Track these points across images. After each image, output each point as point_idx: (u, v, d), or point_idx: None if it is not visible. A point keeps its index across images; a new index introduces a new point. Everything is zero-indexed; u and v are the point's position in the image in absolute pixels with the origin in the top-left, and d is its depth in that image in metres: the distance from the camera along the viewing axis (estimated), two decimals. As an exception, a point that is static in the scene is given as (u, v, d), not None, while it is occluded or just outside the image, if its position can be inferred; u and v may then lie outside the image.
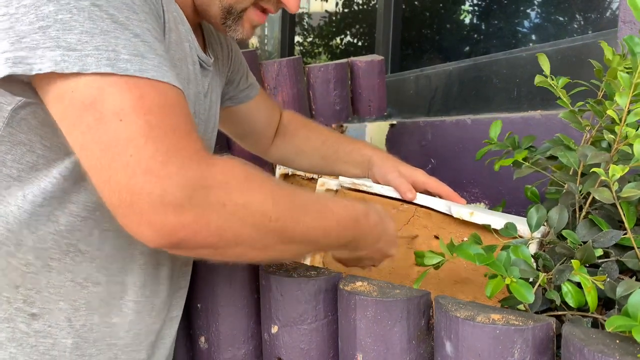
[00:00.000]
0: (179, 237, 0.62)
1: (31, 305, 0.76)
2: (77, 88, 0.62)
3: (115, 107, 0.61)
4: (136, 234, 0.63)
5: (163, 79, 0.65)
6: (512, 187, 1.48)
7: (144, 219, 0.61)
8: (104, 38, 0.62)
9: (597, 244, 0.81)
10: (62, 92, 0.62)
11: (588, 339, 0.62)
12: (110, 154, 0.61)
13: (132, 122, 0.61)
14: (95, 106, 0.61)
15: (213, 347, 0.98)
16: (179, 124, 0.64)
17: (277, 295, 0.87)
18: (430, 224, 1.07)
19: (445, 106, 2.19)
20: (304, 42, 5.10)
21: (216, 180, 0.64)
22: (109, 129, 0.61)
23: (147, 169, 0.60)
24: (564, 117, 0.96)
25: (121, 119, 0.61)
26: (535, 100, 1.69)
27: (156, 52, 0.66)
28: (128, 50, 0.63)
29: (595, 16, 1.90)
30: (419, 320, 0.77)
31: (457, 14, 2.81)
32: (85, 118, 0.61)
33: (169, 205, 0.61)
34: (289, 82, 1.87)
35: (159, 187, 0.60)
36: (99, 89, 0.61)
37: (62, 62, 0.61)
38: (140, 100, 0.62)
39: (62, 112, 0.64)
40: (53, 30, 0.61)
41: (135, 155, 0.60)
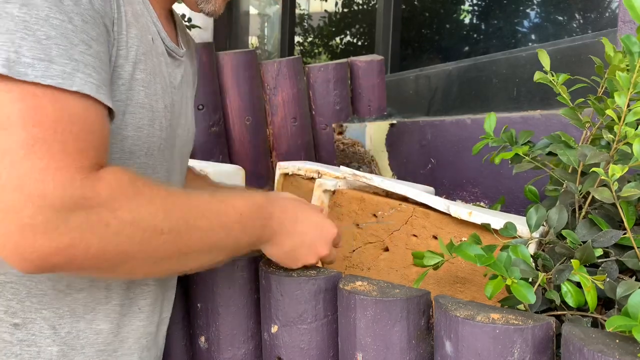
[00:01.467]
0: (52, 262, 0.58)
1: (13, 316, 0.73)
2: None
3: (1, 115, 0.57)
4: (4, 256, 0.57)
5: (71, 87, 0.60)
6: (511, 186, 1.48)
7: (10, 242, 0.56)
8: (8, 37, 0.57)
9: (596, 243, 0.81)
10: None
11: (588, 339, 0.62)
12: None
13: (15, 133, 0.56)
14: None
15: (213, 346, 0.98)
16: (69, 140, 0.59)
17: (277, 295, 0.87)
18: (429, 224, 1.07)
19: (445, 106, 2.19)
20: (303, 42, 5.10)
21: (100, 198, 0.59)
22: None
23: (19, 186, 0.55)
24: (564, 114, 0.96)
25: (5, 128, 0.56)
26: (534, 99, 1.69)
27: (72, 57, 0.61)
28: (33, 54, 0.58)
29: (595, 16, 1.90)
30: (418, 319, 0.77)
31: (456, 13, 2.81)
32: None
33: (39, 228, 0.55)
34: (288, 82, 1.87)
35: (29, 208, 0.55)
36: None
37: None
38: (32, 111, 0.57)
39: None
40: None
41: (9, 169, 0.56)
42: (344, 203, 1.21)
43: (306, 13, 5.19)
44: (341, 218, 1.21)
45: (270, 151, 1.91)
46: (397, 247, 1.11)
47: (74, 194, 0.58)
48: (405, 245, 1.10)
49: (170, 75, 0.87)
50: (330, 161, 1.91)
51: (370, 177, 1.16)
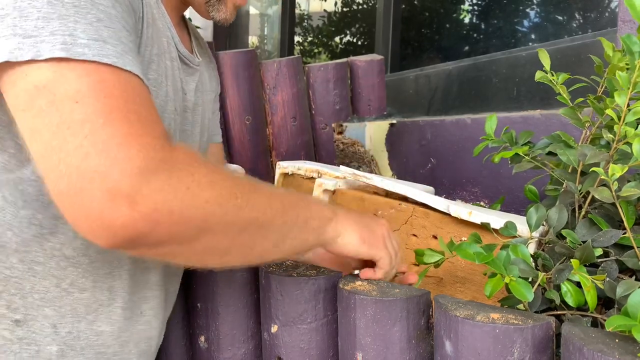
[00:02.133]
0: (137, 230, 0.56)
1: (15, 312, 0.73)
2: (30, 72, 0.59)
3: (70, 90, 0.58)
4: (85, 229, 0.57)
5: (125, 66, 0.62)
6: (511, 186, 1.48)
7: (95, 209, 0.55)
8: (61, 22, 0.60)
9: (596, 243, 0.81)
10: (15, 78, 0.59)
11: (587, 338, 0.62)
12: (62, 136, 0.56)
13: (89, 104, 0.57)
14: (49, 88, 0.58)
15: (213, 346, 0.98)
16: (140, 111, 0.61)
17: (277, 295, 0.87)
18: (429, 223, 1.07)
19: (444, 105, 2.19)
20: (303, 41, 5.10)
21: (179, 163, 0.60)
22: (63, 111, 0.57)
23: (103, 150, 0.55)
24: (563, 114, 0.96)
25: (77, 101, 0.57)
26: (534, 99, 1.69)
27: (120, 40, 0.63)
28: (87, 35, 0.60)
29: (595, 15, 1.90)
30: (418, 319, 0.77)
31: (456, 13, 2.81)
32: (37, 101, 0.58)
33: (125, 191, 0.55)
34: (288, 81, 1.87)
35: (114, 172, 0.55)
36: (54, 72, 0.58)
37: (17, 49, 0.59)
38: (100, 84, 0.59)
39: (14, 98, 0.60)
40: (10, 18, 0.59)
41: (91, 136, 0.56)
42: (343, 203, 1.21)
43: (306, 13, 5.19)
44: (341, 218, 1.21)
45: (270, 151, 1.91)
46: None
47: (155, 157, 0.58)
48: (405, 245, 1.10)
49: (182, 81, 0.87)
50: (330, 161, 1.91)
51: (370, 177, 1.16)
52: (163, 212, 0.57)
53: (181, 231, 0.60)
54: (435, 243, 1.04)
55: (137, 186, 0.56)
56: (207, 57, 1.05)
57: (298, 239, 0.75)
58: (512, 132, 1.06)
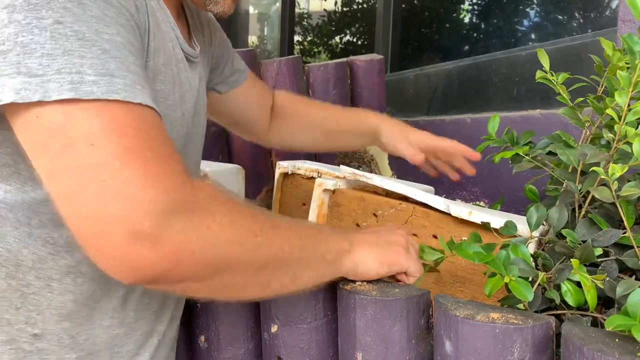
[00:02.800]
0: (159, 269, 0.57)
1: (33, 326, 0.74)
2: (41, 114, 0.57)
3: (84, 131, 0.57)
4: (109, 269, 0.58)
5: (135, 99, 0.60)
6: (511, 186, 1.48)
7: (118, 252, 0.56)
8: (67, 59, 0.58)
9: (596, 243, 0.81)
10: (27, 119, 0.58)
11: (587, 338, 0.62)
12: (82, 180, 0.56)
13: (104, 146, 0.57)
14: (63, 131, 0.57)
15: (213, 346, 0.98)
16: (156, 146, 0.60)
17: (276, 295, 0.87)
18: (429, 223, 1.07)
19: (444, 105, 2.19)
20: (303, 41, 5.10)
21: (199, 203, 0.60)
22: (79, 154, 0.56)
23: (123, 194, 0.55)
24: (563, 114, 0.96)
25: (92, 143, 0.57)
26: (534, 99, 1.69)
27: (128, 69, 0.61)
28: (95, 70, 0.59)
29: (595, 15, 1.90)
30: (418, 319, 0.77)
31: (456, 13, 2.81)
32: (53, 144, 0.57)
33: (147, 233, 0.56)
34: (288, 81, 1.87)
35: (136, 215, 0.55)
36: (65, 113, 0.57)
37: (23, 90, 0.57)
38: (112, 123, 0.58)
39: (28, 140, 0.60)
40: (13, 54, 0.57)
41: (110, 180, 0.56)
42: (344, 202, 1.21)
43: (306, 12, 5.19)
44: (341, 218, 1.21)
45: (269, 151, 1.90)
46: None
47: (176, 197, 0.58)
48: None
49: (188, 79, 0.86)
50: (330, 161, 1.91)
51: (371, 177, 1.16)
52: (185, 252, 0.58)
53: (201, 270, 0.61)
54: (436, 242, 1.04)
55: (159, 228, 0.56)
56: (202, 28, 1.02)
57: (315, 273, 0.75)
58: (513, 133, 1.06)
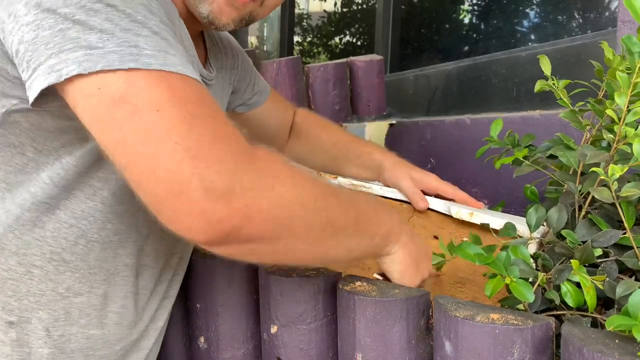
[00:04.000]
0: (232, 225, 0.59)
1: (9, 313, 0.74)
2: (104, 84, 0.59)
3: (148, 99, 0.59)
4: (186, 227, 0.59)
5: (190, 74, 0.63)
6: (511, 186, 1.48)
7: (195, 208, 0.58)
8: (124, 35, 0.61)
9: (596, 243, 0.81)
10: (89, 92, 0.60)
11: (587, 339, 0.62)
12: (154, 143, 0.58)
13: (170, 112, 0.59)
14: (128, 99, 0.59)
15: (212, 347, 0.98)
16: (216, 114, 0.63)
17: (276, 295, 0.87)
18: (429, 224, 1.07)
19: (444, 106, 2.19)
20: (303, 41, 5.10)
21: (263, 164, 0.63)
22: (147, 120, 0.58)
23: (196, 154, 0.58)
24: (564, 117, 0.96)
25: (158, 110, 0.59)
26: (534, 100, 1.69)
27: (177, 50, 0.64)
28: (150, 46, 0.61)
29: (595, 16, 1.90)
30: (418, 320, 0.77)
31: (456, 13, 2.81)
32: (118, 113, 0.59)
33: (221, 190, 0.58)
34: (288, 81, 1.87)
35: (210, 172, 0.58)
36: (127, 82, 0.59)
37: (85, 61, 0.59)
38: (174, 91, 0.60)
39: (92, 113, 0.61)
40: (72, 31, 0.60)
41: (181, 142, 0.58)
42: (343, 203, 1.20)
43: (305, 13, 5.19)
44: (341, 218, 1.21)
45: (269, 151, 1.90)
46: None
47: (243, 158, 0.61)
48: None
49: None
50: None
51: (370, 187, 1.15)
52: (254, 208, 0.60)
53: (268, 229, 0.62)
54: (436, 243, 1.04)
55: (231, 185, 0.59)
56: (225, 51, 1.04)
57: (364, 248, 0.78)
58: (515, 136, 1.06)
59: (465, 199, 1.09)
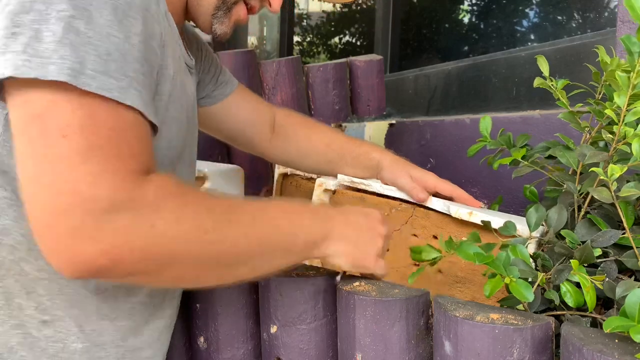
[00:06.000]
0: (98, 265, 0.59)
1: (43, 312, 0.75)
2: (30, 98, 0.60)
3: (61, 122, 0.60)
4: (50, 260, 0.60)
5: (125, 101, 0.63)
6: (510, 186, 1.48)
7: (59, 245, 0.58)
8: (73, 49, 0.61)
9: (595, 243, 0.81)
10: (20, 100, 0.61)
11: (587, 339, 0.62)
12: (42, 169, 0.59)
13: (74, 140, 0.59)
14: (43, 118, 0.60)
15: (212, 347, 0.98)
16: (123, 146, 0.63)
17: (276, 295, 0.87)
18: (429, 224, 1.07)
19: (444, 106, 2.19)
20: (302, 41, 5.10)
21: (146, 200, 0.61)
22: (49, 144, 0.59)
23: (73, 190, 0.58)
24: (563, 118, 0.96)
25: (64, 135, 0.59)
26: (534, 100, 1.69)
27: (126, 74, 0.64)
28: (95, 67, 0.62)
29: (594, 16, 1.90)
30: (418, 319, 0.77)
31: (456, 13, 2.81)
32: (30, 129, 0.60)
33: (87, 230, 0.58)
34: (287, 81, 1.87)
35: (80, 210, 0.58)
36: (51, 101, 0.60)
37: (23, 66, 0.59)
38: (90, 119, 0.61)
39: (14, 121, 0.62)
40: (25, 37, 0.60)
41: (65, 174, 0.59)
42: (344, 203, 1.21)
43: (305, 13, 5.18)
44: (340, 218, 1.21)
45: (269, 151, 1.90)
46: (397, 247, 1.11)
47: (122, 196, 0.60)
48: (405, 245, 1.10)
49: (190, 88, 0.90)
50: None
51: (369, 184, 1.15)
52: (124, 249, 0.59)
53: (146, 266, 0.62)
54: (436, 243, 1.04)
55: (99, 225, 0.58)
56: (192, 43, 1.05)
57: (279, 263, 0.76)
58: (509, 135, 1.06)
59: (465, 197, 1.09)
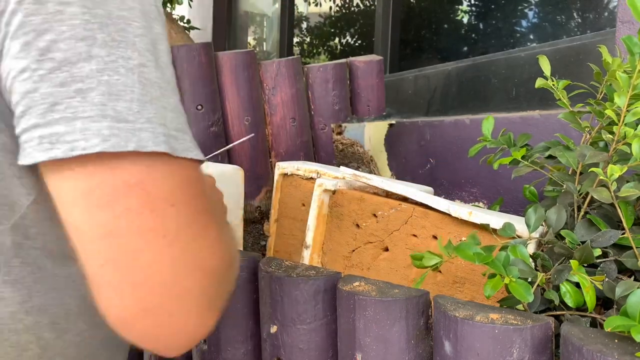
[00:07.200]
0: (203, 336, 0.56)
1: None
2: (120, 165, 0.49)
3: (165, 190, 0.50)
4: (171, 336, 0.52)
5: (200, 157, 0.55)
6: (510, 186, 1.48)
7: (190, 322, 0.52)
8: (155, 107, 0.50)
9: (595, 243, 0.81)
10: (94, 170, 0.48)
11: (587, 339, 0.62)
12: (155, 244, 0.49)
13: (185, 208, 0.51)
14: (142, 187, 0.49)
15: (212, 347, 0.98)
16: (215, 208, 0.59)
17: (276, 295, 0.87)
18: (429, 223, 1.07)
19: (444, 106, 2.19)
20: (302, 42, 5.10)
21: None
22: (158, 215, 0.49)
23: (200, 265, 0.52)
24: (563, 118, 0.96)
25: (173, 204, 0.50)
26: (534, 100, 1.69)
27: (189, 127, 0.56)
28: (174, 125, 0.52)
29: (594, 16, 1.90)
30: (417, 319, 0.77)
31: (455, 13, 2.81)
32: (125, 200, 0.49)
33: (213, 302, 0.54)
34: (287, 82, 1.87)
35: (207, 283, 0.52)
36: (149, 167, 0.50)
37: (113, 136, 0.48)
38: (188, 182, 0.52)
39: (83, 191, 0.49)
40: (96, 94, 0.48)
41: (185, 247, 0.51)
42: (344, 203, 1.21)
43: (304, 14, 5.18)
44: (341, 218, 1.21)
45: (269, 151, 1.91)
46: (396, 247, 1.11)
47: (226, 262, 0.56)
48: (405, 245, 1.10)
49: None
50: (330, 161, 1.91)
51: (370, 177, 1.16)
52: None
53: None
54: (435, 243, 1.04)
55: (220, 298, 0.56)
56: None
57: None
58: (510, 135, 1.06)
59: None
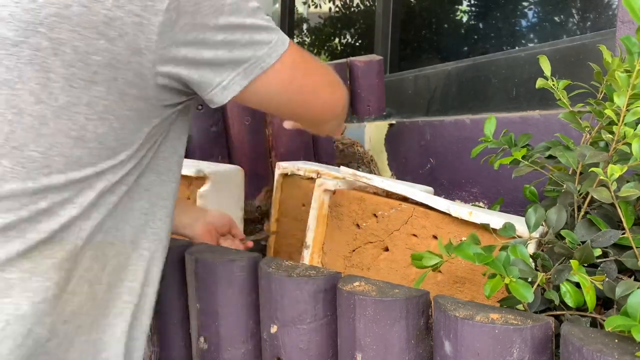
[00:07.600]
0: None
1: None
2: (286, 56, 0.81)
3: (306, 58, 0.87)
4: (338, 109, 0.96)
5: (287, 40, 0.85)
6: (510, 186, 1.48)
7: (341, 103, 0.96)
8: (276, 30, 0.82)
9: (595, 243, 0.81)
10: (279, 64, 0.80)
11: (587, 339, 0.62)
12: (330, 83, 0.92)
13: (313, 62, 0.89)
14: (303, 57, 0.85)
15: (212, 346, 0.98)
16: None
17: (276, 295, 0.87)
18: (429, 223, 1.07)
19: (444, 106, 2.19)
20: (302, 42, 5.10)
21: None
22: (315, 68, 0.89)
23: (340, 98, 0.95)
24: (563, 118, 0.96)
25: (308, 61, 0.87)
26: (534, 100, 1.69)
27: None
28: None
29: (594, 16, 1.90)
30: (418, 319, 0.77)
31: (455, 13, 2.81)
32: (298, 72, 0.84)
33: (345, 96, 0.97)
34: (288, 82, 1.87)
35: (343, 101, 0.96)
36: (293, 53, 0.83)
37: (276, 45, 0.80)
38: (302, 53, 0.87)
39: (282, 79, 0.82)
40: (264, 22, 0.79)
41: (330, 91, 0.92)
42: (344, 203, 1.21)
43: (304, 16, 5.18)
44: (341, 218, 1.21)
45: (269, 151, 1.90)
46: (397, 247, 1.11)
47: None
48: (405, 245, 1.10)
49: None
50: (330, 161, 1.91)
51: (371, 177, 1.16)
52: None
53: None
54: (435, 243, 1.04)
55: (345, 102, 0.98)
56: None
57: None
58: (511, 135, 1.06)
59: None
